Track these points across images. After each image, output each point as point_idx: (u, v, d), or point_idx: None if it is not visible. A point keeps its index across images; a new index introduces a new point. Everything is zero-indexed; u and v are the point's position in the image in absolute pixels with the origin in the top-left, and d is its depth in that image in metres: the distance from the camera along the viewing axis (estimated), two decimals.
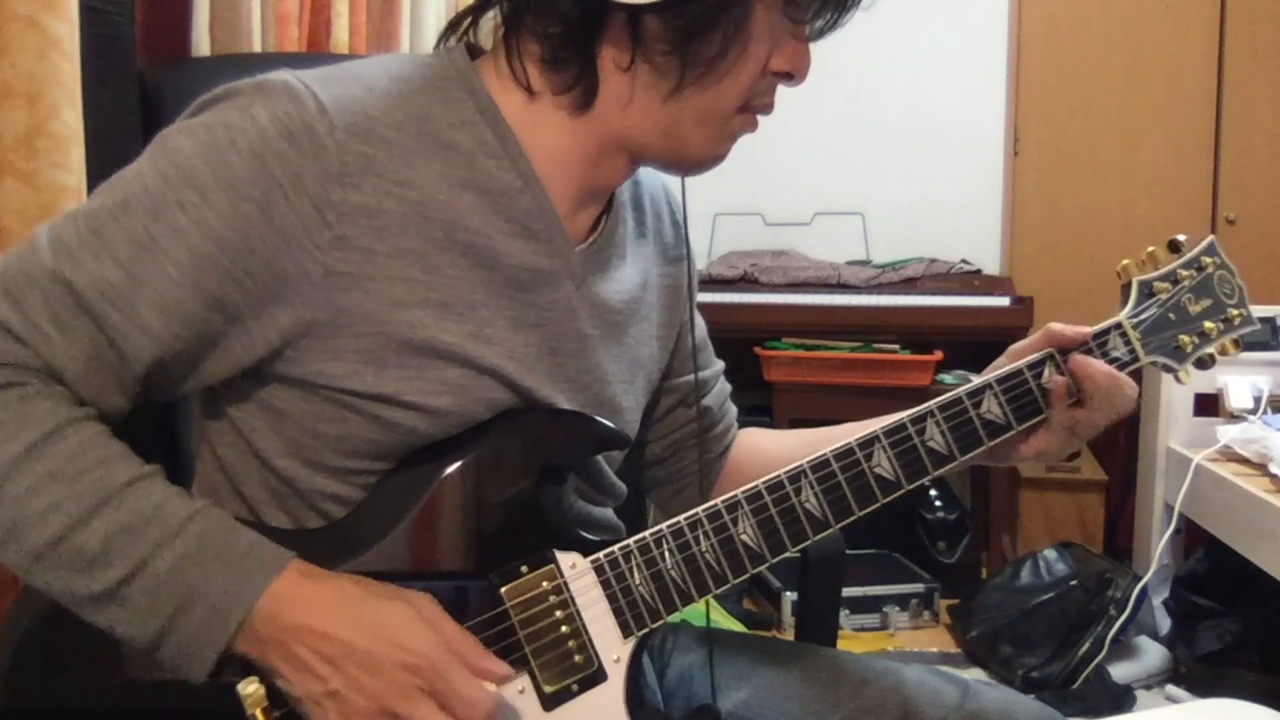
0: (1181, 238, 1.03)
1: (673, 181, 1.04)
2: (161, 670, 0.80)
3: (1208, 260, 1.03)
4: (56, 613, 0.80)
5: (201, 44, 1.52)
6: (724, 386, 1.17)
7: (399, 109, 0.86)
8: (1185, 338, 1.01)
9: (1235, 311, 1.03)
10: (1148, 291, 1.01)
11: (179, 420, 1.20)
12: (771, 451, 1.13)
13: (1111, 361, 0.98)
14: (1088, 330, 0.99)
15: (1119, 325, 0.99)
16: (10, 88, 1.13)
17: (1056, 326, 0.98)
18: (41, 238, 0.81)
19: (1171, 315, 1.01)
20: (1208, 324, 1.02)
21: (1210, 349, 1.02)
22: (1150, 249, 1.03)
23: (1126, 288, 1.02)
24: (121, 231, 0.80)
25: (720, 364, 1.17)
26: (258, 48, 1.58)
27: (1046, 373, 0.97)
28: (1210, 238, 1.05)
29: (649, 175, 1.07)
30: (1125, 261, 1.03)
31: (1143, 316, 1.00)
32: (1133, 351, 0.99)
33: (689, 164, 0.93)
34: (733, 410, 1.18)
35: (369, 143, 0.83)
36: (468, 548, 0.88)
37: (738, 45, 0.85)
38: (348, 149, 0.82)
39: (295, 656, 0.79)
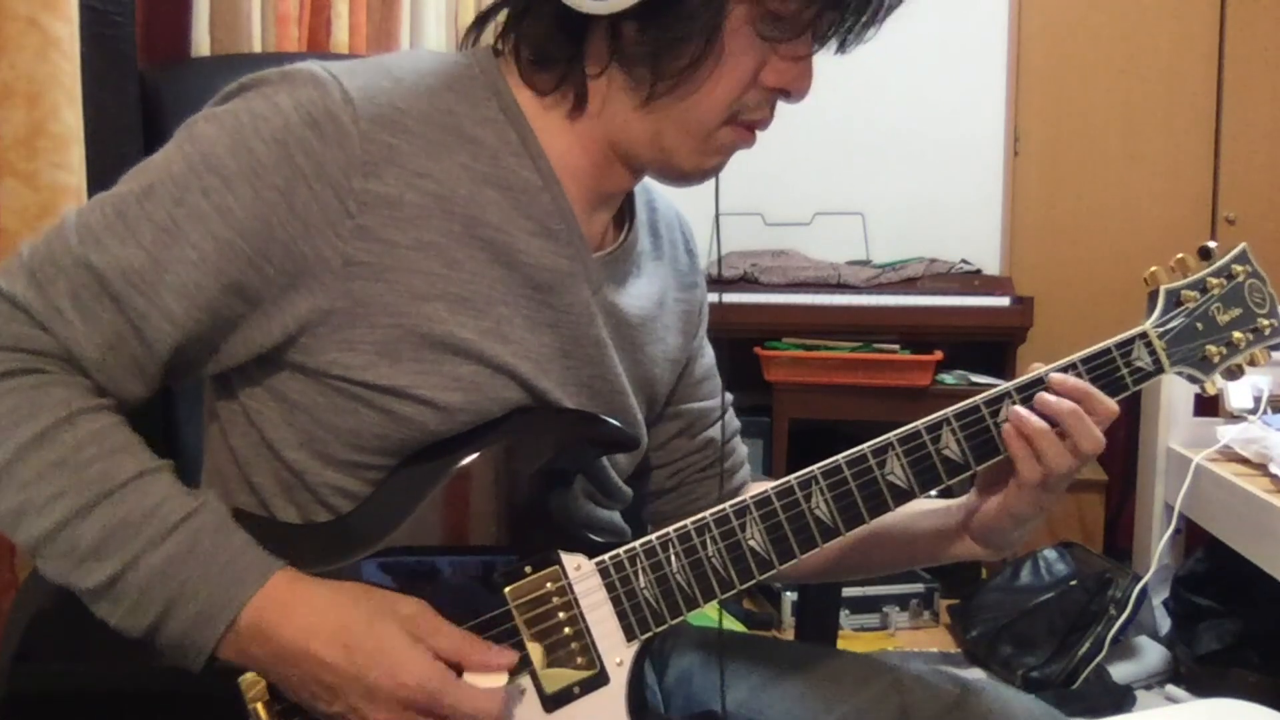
0: (1212, 244, 0.99)
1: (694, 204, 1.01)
2: (161, 659, 0.80)
3: (1239, 268, 0.99)
4: (61, 600, 0.80)
5: (201, 44, 1.52)
6: (732, 422, 1.13)
7: (424, 101, 0.86)
8: (1213, 348, 0.97)
9: (1266, 321, 0.99)
10: (1175, 300, 0.97)
11: (178, 410, 1.20)
12: None
13: (1135, 371, 0.95)
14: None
15: (1144, 334, 0.96)
16: (10, 88, 1.13)
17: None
18: (69, 222, 0.82)
19: (1199, 325, 0.97)
20: (1236, 334, 0.98)
21: (1239, 359, 0.98)
22: (1180, 255, 0.99)
23: (1153, 295, 0.98)
24: (145, 216, 0.81)
25: (728, 397, 1.13)
26: (258, 48, 1.58)
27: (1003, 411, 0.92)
28: (1242, 245, 1.00)
29: (665, 202, 1.07)
30: (1154, 268, 0.99)
31: (1169, 326, 0.97)
32: (1158, 362, 0.96)
33: (679, 175, 0.92)
34: (742, 450, 1.15)
35: (393, 133, 0.83)
36: (472, 546, 0.88)
37: (711, 58, 0.84)
38: (372, 138, 0.82)
39: (293, 679, 0.79)
